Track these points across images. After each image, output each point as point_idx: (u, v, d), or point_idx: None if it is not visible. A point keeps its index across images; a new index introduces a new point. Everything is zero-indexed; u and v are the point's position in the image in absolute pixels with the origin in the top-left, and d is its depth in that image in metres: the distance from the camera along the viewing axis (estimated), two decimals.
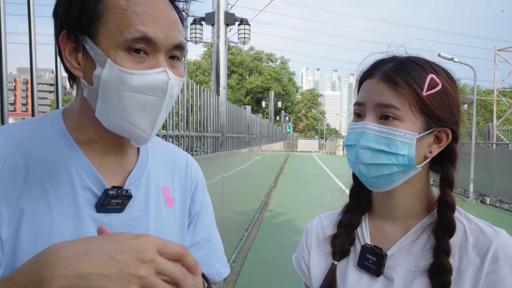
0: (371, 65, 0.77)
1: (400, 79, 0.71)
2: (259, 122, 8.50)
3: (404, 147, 0.71)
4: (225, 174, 4.10)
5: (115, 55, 0.59)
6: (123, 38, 0.59)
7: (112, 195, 0.64)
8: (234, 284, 4.09)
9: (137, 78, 0.59)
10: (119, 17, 0.59)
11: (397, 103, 0.71)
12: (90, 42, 0.60)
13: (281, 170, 16.95)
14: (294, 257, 0.91)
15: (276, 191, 10.78)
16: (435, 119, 0.72)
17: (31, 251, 0.58)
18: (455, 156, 0.77)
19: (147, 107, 0.61)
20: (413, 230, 0.76)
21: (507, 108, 27.69)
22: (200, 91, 3.25)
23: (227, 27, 6.75)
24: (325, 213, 0.90)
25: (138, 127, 0.61)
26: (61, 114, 0.69)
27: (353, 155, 0.74)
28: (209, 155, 3.52)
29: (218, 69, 6.52)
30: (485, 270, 0.69)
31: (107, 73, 0.59)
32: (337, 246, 0.80)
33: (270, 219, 7.24)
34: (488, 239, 0.71)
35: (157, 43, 0.60)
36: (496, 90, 16.83)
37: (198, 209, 0.81)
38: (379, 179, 0.73)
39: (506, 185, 9.27)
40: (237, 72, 36.40)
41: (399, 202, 0.77)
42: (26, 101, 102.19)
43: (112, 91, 0.60)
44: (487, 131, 10.92)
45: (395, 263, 0.75)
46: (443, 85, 0.72)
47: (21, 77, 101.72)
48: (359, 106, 0.76)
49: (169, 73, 0.61)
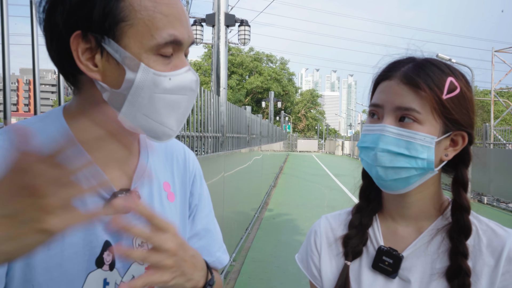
0: (388, 66, 0.75)
1: (422, 82, 0.69)
2: (259, 122, 8.51)
3: (423, 151, 0.70)
4: (225, 174, 4.12)
5: (148, 59, 0.58)
6: (156, 42, 0.58)
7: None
8: (234, 282, 4.11)
9: (169, 80, 0.59)
10: (149, 19, 0.57)
11: (418, 106, 0.69)
12: (115, 44, 0.57)
13: (281, 169, 16.95)
14: (299, 258, 0.88)
15: (276, 190, 10.78)
16: (454, 122, 0.72)
17: (45, 259, 0.58)
18: (469, 159, 0.77)
19: (177, 106, 0.61)
20: (427, 231, 0.75)
21: (504, 109, 27.70)
22: (200, 91, 3.27)
23: (227, 28, 6.78)
24: (331, 214, 0.88)
25: (165, 126, 0.62)
26: (62, 113, 0.66)
27: (371, 157, 0.72)
28: (210, 155, 3.54)
29: (218, 70, 6.54)
30: (501, 271, 0.69)
31: (141, 77, 0.58)
32: (350, 246, 0.78)
33: (270, 218, 7.25)
34: (502, 240, 0.72)
35: (183, 44, 0.61)
36: (493, 91, 16.85)
37: (197, 201, 0.82)
38: (396, 182, 0.72)
39: (503, 185, 9.29)
40: (237, 72, 36.36)
41: (413, 204, 0.76)
42: (29, 101, 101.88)
43: (144, 94, 0.59)
44: (484, 131, 10.93)
45: (411, 265, 0.74)
46: (461, 88, 0.72)
47: (23, 77, 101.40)
48: (376, 108, 0.74)
49: (193, 70, 0.62)
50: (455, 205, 0.75)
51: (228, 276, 4.25)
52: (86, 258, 0.62)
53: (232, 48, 33.31)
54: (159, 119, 0.61)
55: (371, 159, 0.72)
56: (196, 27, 7.75)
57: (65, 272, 0.60)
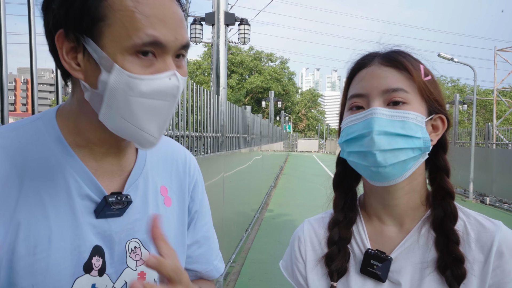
0: (362, 56, 0.75)
1: (402, 63, 0.69)
2: (259, 122, 8.50)
3: (418, 130, 0.68)
4: (225, 174, 4.10)
5: (123, 60, 0.56)
6: (132, 43, 0.55)
7: (112, 202, 0.63)
8: (234, 284, 4.09)
9: (147, 84, 0.56)
10: (127, 19, 0.55)
11: (405, 85, 0.68)
12: (93, 44, 0.56)
13: (281, 170, 16.95)
14: (284, 265, 0.85)
15: (276, 191, 10.78)
16: (436, 103, 0.72)
17: (29, 264, 0.57)
18: (446, 145, 0.76)
19: (156, 112, 0.58)
20: (414, 229, 0.73)
21: (507, 108, 27.69)
22: (200, 91, 3.25)
23: (227, 27, 6.76)
24: (314, 217, 0.85)
25: (146, 132, 0.59)
26: (55, 115, 0.65)
27: (365, 144, 0.67)
28: (209, 155, 3.52)
29: (218, 69, 6.52)
30: (491, 266, 0.67)
31: (114, 79, 0.56)
32: (334, 266, 0.75)
33: (270, 219, 7.24)
34: (490, 234, 0.70)
35: (166, 46, 0.57)
36: (496, 90, 16.83)
37: (198, 207, 0.81)
38: (394, 168, 0.68)
39: (506, 185, 9.26)
40: (237, 72, 36.41)
41: (400, 200, 0.74)
42: (26, 101, 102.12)
43: (120, 96, 0.56)
44: (487, 131, 10.91)
45: (400, 267, 0.72)
46: (431, 75, 0.73)
47: (21, 77, 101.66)
48: (358, 98, 0.71)
49: (178, 76, 0.59)
50: (439, 192, 0.73)
51: (228, 277, 4.23)
52: (74, 263, 0.60)
53: (232, 47, 33.35)
54: (138, 123, 0.58)
55: (366, 146, 0.68)
56: (196, 26, 7.73)
57: (50, 277, 0.59)
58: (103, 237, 0.63)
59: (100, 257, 0.63)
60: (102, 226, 0.63)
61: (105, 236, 0.64)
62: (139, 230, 0.68)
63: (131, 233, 0.67)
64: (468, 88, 39.15)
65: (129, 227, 0.66)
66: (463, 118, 34.64)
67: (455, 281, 0.67)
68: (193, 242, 0.80)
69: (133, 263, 0.67)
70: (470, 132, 10.86)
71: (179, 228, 0.76)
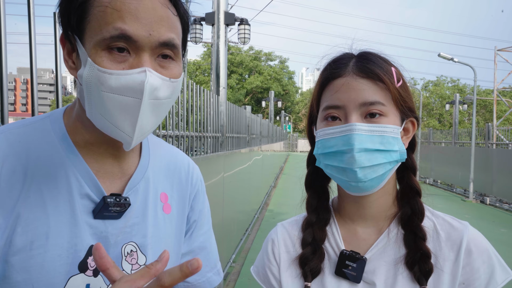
0: (333, 64, 0.72)
1: (377, 74, 0.68)
2: (259, 122, 8.50)
3: (395, 143, 0.69)
4: (225, 174, 4.10)
5: (95, 54, 0.56)
6: (102, 37, 0.56)
7: (110, 203, 0.63)
8: (234, 284, 4.09)
9: (115, 79, 0.56)
10: (100, 14, 0.57)
11: (382, 97, 0.68)
12: (79, 41, 0.59)
13: (281, 170, 16.94)
14: (255, 271, 0.83)
15: (276, 191, 10.77)
16: (407, 110, 0.72)
17: (25, 259, 0.57)
18: (415, 144, 0.77)
19: (127, 109, 0.57)
20: (388, 230, 0.74)
21: (507, 108, 27.69)
22: (200, 91, 3.25)
23: (227, 27, 6.75)
24: (287, 220, 0.85)
25: (121, 130, 0.58)
26: (63, 114, 0.67)
27: (345, 161, 0.68)
28: (209, 155, 3.52)
29: (218, 69, 6.52)
30: (461, 264, 0.70)
31: (87, 72, 0.57)
32: (308, 267, 0.75)
33: (270, 219, 7.23)
34: (459, 233, 0.72)
35: (137, 41, 0.56)
36: (496, 90, 16.83)
37: (196, 217, 0.80)
38: (373, 181, 0.70)
39: (506, 185, 9.26)
40: (237, 72, 36.40)
41: (374, 203, 0.74)
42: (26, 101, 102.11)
43: (94, 91, 0.57)
44: (487, 131, 10.91)
45: (374, 267, 0.72)
46: (402, 77, 0.73)
47: (21, 77, 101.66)
48: (335, 110, 0.70)
49: (150, 73, 0.56)
50: (407, 190, 0.74)
51: (228, 277, 4.23)
52: (69, 261, 0.60)
53: (231, 47, 33.34)
54: (113, 121, 0.58)
55: (346, 163, 0.68)
56: (196, 26, 7.73)
57: (45, 274, 0.58)
58: (98, 238, 0.63)
59: None
60: (98, 227, 0.63)
61: (100, 237, 0.63)
62: (137, 234, 0.67)
63: (128, 236, 0.66)
64: (468, 88, 39.13)
65: (127, 230, 0.66)
66: (463, 118, 34.63)
67: (423, 277, 0.69)
68: (187, 252, 0.78)
69: (129, 266, 0.66)
70: (470, 132, 10.86)
71: (176, 237, 0.75)
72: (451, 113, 30.99)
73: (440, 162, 13.29)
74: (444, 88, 39.29)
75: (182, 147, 2.84)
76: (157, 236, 0.70)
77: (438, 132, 16.45)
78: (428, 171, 14.34)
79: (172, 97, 0.62)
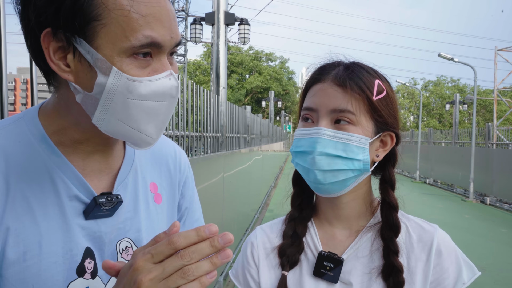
0: (318, 70, 0.77)
1: (353, 84, 0.72)
2: (259, 122, 8.50)
3: (359, 152, 0.72)
4: (225, 174, 4.10)
5: (121, 62, 0.53)
6: (130, 44, 0.53)
7: (101, 203, 0.61)
8: (234, 284, 4.08)
9: (146, 86, 0.55)
10: (123, 19, 0.52)
11: (352, 107, 0.71)
12: (87, 45, 0.53)
13: (281, 170, 16.95)
14: (234, 274, 0.85)
15: (276, 191, 10.77)
16: (383, 123, 0.74)
17: (20, 271, 0.55)
18: (395, 159, 0.79)
19: (155, 113, 0.57)
20: (363, 232, 0.78)
21: (507, 108, 27.69)
22: (200, 91, 3.25)
23: (227, 27, 6.76)
24: (266, 224, 0.87)
25: (143, 133, 0.57)
26: (37, 114, 0.62)
27: (308, 162, 0.73)
28: (209, 155, 3.51)
29: (218, 69, 6.52)
30: (432, 264, 0.74)
31: (113, 82, 0.54)
32: (287, 256, 0.78)
33: (270, 219, 7.21)
34: (430, 235, 0.76)
35: (163, 46, 0.56)
36: (496, 90, 16.83)
37: (188, 204, 0.79)
38: (334, 185, 0.74)
39: (506, 185, 9.26)
40: (236, 72, 36.42)
41: (347, 204, 0.78)
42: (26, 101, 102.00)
43: (117, 99, 0.54)
44: (487, 131, 10.91)
45: (351, 267, 0.75)
46: (386, 90, 0.75)
47: (21, 77, 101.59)
48: (310, 112, 0.75)
49: (175, 75, 0.58)
50: (384, 204, 0.77)
51: (228, 277, 4.23)
52: (66, 267, 0.59)
53: (231, 47, 33.34)
54: (136, 125, 0.57)
55: (309, 163, 0.73)
56: (196, 26, 7.72)
57: (43, 283, 0.57)
58: (92, 238, 0.61)
59: (91, 259, 0.61)
60: (91, 228, 0.61)
61: (94, 238, 0.62)
62: (130, 229, 0.66)
63: (121, 232, 0.65)
64: (468, 88, 39.14)
65: (120, 226, 0.65)
66: (463, 118, 34.62)
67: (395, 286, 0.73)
68: None
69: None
70: (470, 132, 10.86)
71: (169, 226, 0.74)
72: (451, 113, 30.96)
73: (440, 162, 13.28)
74: (444, 88, 39.30)
75: (182, 147, 2.84)
76: (151, 228, 0.69)
77: (438, 132, 16.45)
78: (428, 171, 14.33)
79: None
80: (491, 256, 5.23)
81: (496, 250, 5.52)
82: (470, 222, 7.55)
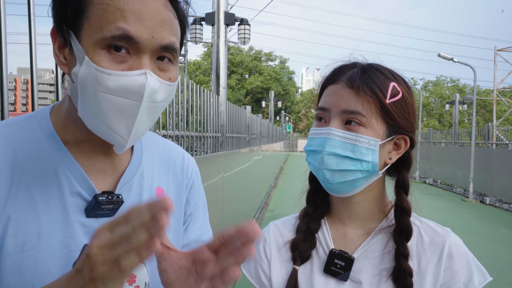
0: (333, 71, 0.78)
1: (366, 86, 0.72)
2: (259, 122, 8.50)
3: (368, 154, 0.73)
4: (225, 174, 4.10)
5: (94, 53, 0.55)
6: (102, 35, 0.54)
7: (102, 202, 0.61)
8: (234, 284, 4.08)
9: (114, 79, 0.54)
10: (102, 12, 0.55)
11: (363, 109, 0.72)
12: (74, 37, 0.57)
13: (281, 170, 16.94)
14: (246, 267, 0.85)
15: (276, 191, 10.77)
16: (396, 127, 0.75)
17: (17, 261, 0.56)
18: (410, 162, 0.79)
19: (124, 111, 0.56)
20: (374, 232, 0.78)
21: (506, 108, 27.70)
22: (200, 91, 3.25)
23: (227, 27, 6.76)
24: (279, 220, 0.88)
25: (115, 132, 0.57)
26: (49, 112, 0.65)
27: (318, 161, 0.74)
28: (209, 155, 3.52)
29: (218, 69, 6.53)
30: (443, 267, 0.74)
31: (84, 71, 0.55)
32: (298, 251, 0.79)
33: (270, 219, 7.22)
34: (442, 238, 0.76)
35: (139, 43, 0.55)
36: (496, 90, 16.85)
37: (192, 210, 0.79)
38: (342, 185, 0.75)
39: (506, 185, 9.26)
40: (236, 72, 36.43)
41: (359, 204, 0.79)
42: (26, 101, 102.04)
43: (89, 91, 0.55)
44: (486, 131, 10.91)
45: (361, 266, 0.76)
46: (403, 93, 0.74)
47: (21, 77, 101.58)
48: (323, 111, 0.76)
49: (151, 76, 0.56)
50: (397, 207, 0.77)
51: None
52: (64, 261, 0.59)
53: (231, 47, 33.35)
54: (107, 122, 0.57)
55: (318, 162, 0.75)
56: (196, 26, 7.73)
57: (39, 275, 0.57)
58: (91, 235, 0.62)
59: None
60: (92, 226, 0.61)
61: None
62: None
63: None
64: (468, 88, 39.14)
65: None
66: (463, 118, 34.62)
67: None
68: (183, 245, 0.77)
69: None
70: (470, 132, 10.86)
71: (175, 232, 0.74)
72: (451, 113, 30.97)
73: (440, 162, 13.29)
74: (444, 88, 39.30)
75: (182, 147, 2.84)
76: None
77: (438, 132, 16.46)
78: (428, 171, 14.34)
79: (167, 100, 0.61)
80: (491, 256, 5.22)
81: (495, 250, 5.52)
82: (470, 222, 7.56)
